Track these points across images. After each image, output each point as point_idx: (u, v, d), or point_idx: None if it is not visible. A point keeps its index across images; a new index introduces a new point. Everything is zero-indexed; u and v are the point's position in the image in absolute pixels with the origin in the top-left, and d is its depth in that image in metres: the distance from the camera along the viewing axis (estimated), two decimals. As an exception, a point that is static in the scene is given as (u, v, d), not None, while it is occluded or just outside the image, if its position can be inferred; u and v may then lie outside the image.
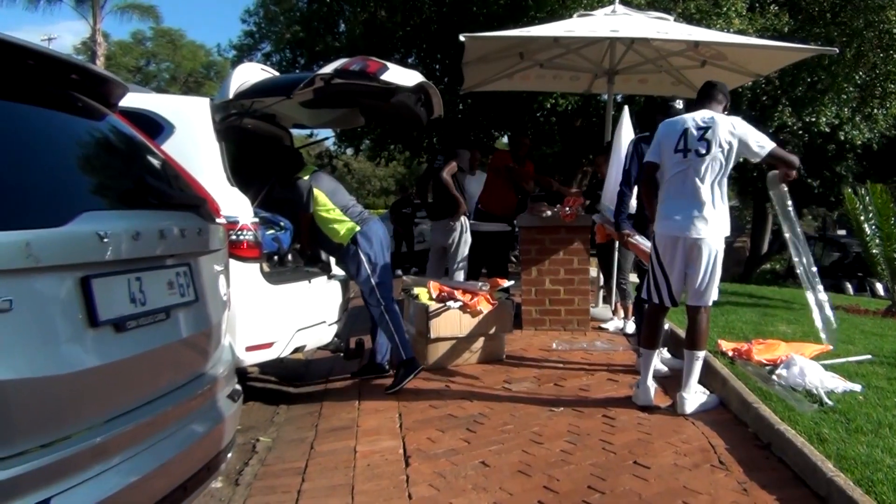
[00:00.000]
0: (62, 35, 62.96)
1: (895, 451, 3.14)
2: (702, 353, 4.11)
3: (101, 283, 1.82)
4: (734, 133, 3.99)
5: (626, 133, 6.45)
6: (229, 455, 2.59)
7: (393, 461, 3.58)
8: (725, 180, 4.06)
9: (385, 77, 4.08)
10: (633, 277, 6.69)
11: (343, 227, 4.81)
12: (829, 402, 3.88)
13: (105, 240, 1.82)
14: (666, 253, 4.09)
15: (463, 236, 6.95)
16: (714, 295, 4.13)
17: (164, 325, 2.10)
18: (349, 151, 18.31)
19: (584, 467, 3.36)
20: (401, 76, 4.21)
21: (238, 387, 2.77)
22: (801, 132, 14.16)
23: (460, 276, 6.84)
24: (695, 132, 4.02)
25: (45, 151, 1.97)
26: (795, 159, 4.14)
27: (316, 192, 4.83)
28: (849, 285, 17.32)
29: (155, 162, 2.49)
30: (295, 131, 6.39)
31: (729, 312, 6.89)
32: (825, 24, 12.20)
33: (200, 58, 43.37)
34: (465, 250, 6.99)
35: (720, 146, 3.98)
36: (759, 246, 22.48)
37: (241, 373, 5.45)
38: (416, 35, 13.84)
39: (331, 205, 4.86)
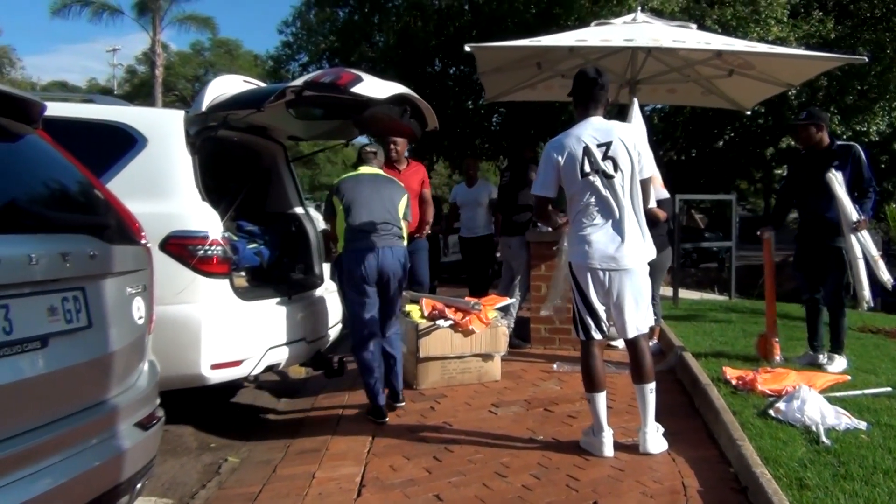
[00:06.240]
0: (127, 46, 65.09)
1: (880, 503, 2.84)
2: (653, 385, 3.73)
3: (-57, 312, 1.73)
4: (636, 147, 3.63)
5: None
6: (138, 486, 2.48)
7: (346, 490, 3.43)
8: (640, 196, 3.68)
9: (356, 89, 3.95)
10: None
11: (340, 244, 4.59)
12: (826, 442, 3.58)
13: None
14: (586, 284, 3.69)
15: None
16: (650, 319, 3.80)
17: (39, 354, 2.01)
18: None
19: (539, 506, 3.15)
20: (374, 88, 4.07)
21: (159, 413, 2.67)
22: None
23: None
24: (597, 151, 3.60)
25: None
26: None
27: (334, 199, 4.56)
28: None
29: (62, 183, 2.41)
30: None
31: (750, 335, 6.52)
32: (876, 31, 11.60)
33: (254, 68, 44.21)
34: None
35: (629, 161, 3.61)
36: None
37: (235, 386, 5.46)
38: (451, 44, 13.76)
39: (342, 217, 4.50)
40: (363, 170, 4.66)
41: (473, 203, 7.74)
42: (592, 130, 3.67)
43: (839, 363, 5.20)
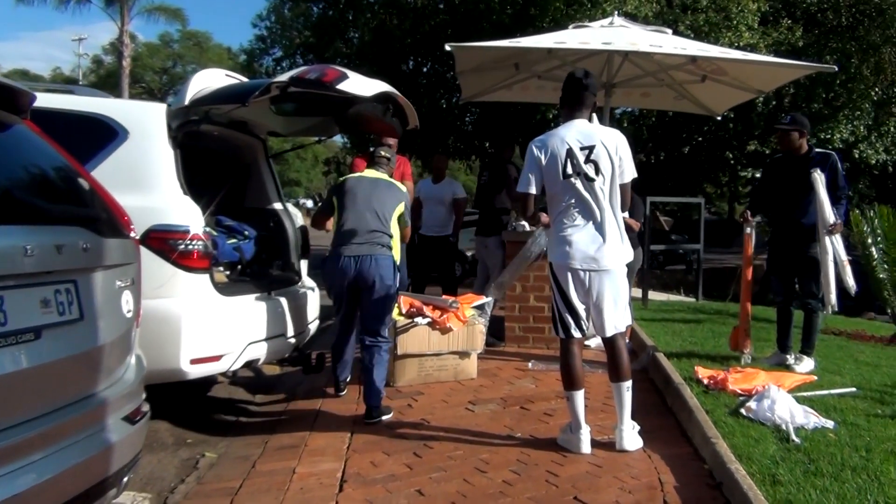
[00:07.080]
0: (94, 35, 63.86)
1: (849, 499, 2.95)
2: (630, 383, 3.80)
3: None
4: (618, 152, 3.70)
5: None
6: (125, 479, 2.47)
7: (328, 485, 3.44)
8: (619, 200, 3.75)
9: (342, 86, 3.96)
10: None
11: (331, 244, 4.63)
12: (796, 440, 3.69)
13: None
14: (566, 283, 3.76)
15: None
16: (628, 318, 3.89)
17: (32, 346, 1.99)
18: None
19: (520, 501, 3.20)
20: (359, 86, 4.09)
21: (145, 407, 2.66)
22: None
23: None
24: (579, 154, 3.67)
25: None
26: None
27: (334, 199, 4.62)
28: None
29: (52, 175, 2.39)
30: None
31: (719, 336, 6.67)
32: (842, 40, 11.90)
33: (226, 61, 43.77)
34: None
35: (610, 165, 3.68)
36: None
37: (209, 382, 5.42)
38: (427, 42, 13.78)
39: (337, 218, 4.58)
40: (367, 173, 4.67)
41: (436, 200, 7.68)
42: (576, 133, 3.73)
43: (807, 364, 5.34)
